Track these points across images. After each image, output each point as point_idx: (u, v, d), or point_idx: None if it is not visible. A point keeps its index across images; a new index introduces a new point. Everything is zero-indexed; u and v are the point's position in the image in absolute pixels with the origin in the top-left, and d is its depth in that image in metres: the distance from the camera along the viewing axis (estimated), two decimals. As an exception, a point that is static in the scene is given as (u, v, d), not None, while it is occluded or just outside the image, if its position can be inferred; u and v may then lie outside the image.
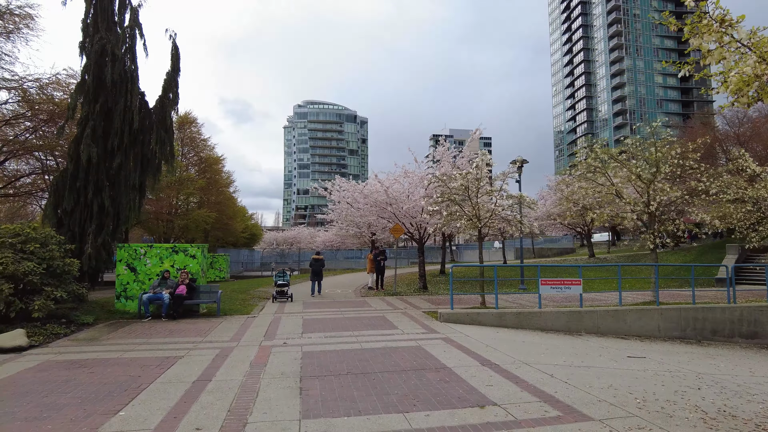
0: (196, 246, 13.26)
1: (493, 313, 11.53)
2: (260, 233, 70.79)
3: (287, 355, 7.73)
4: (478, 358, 7.51)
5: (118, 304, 12.79)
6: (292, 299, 15.44)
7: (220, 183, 43.86)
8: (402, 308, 13.59)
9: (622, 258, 29.84)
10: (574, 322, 11.95)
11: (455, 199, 12.74)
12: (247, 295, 17.29)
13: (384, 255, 18.65)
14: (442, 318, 11.31)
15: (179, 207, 38.31)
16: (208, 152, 42.97)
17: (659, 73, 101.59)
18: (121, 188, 13.82)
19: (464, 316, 11.39)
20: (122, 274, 12.83)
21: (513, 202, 12.73)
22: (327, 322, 11.28)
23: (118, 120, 13.61)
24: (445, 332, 9.83)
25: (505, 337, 9.81)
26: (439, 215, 12.53)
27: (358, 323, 10.97)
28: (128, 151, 13.92)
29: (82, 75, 13.68)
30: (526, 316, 11.70)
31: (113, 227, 13.80)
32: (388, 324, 10.84)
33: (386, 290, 18.49)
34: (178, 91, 15.00)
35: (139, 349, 8.40)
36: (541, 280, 12.02)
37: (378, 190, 16.98)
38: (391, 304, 14.66)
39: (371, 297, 16.79)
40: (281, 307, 14.22)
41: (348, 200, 18.92)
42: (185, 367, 7.02)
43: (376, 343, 8.66)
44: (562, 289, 12.16)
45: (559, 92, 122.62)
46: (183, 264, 13.06)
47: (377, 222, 18.06)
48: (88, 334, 9.82)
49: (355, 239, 48.25)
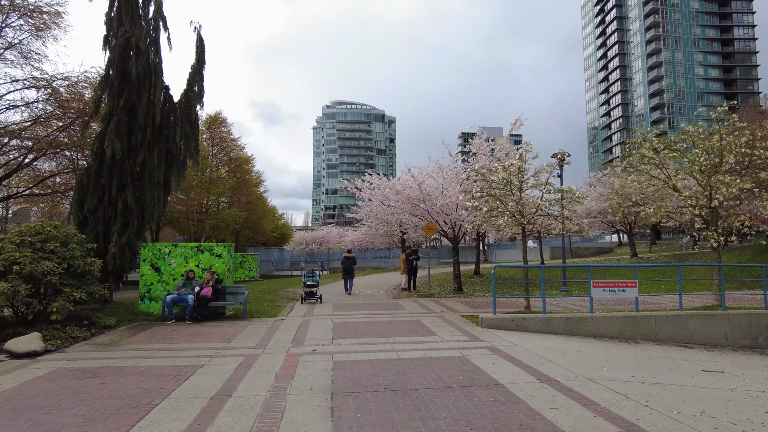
0: (222, 245, 12.69)
1: (541, 319, 10.51)
2: (290, 233, 70.94)
3: (316, 366, 6.95)
4: (534, 372, 6.56)
5: (142, 306, 12.32)
6: (321, 300, 14.74)
7: (250, 183, 43.82)
8: (438, 312, 12.69)
9: (668, 258, 28.07)
10: (630, 327, 10.82)
11: (496, 193, 11.76)
12: (275, 296, 16.70)
13: (417, 254, 17.76)
14: (483, 323, 10.36)
15: (210, 207, 38.37)
16: (238, 152, 42.97)
17: (700, 64, 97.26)
18: (146, 185, 13.38)
19: (508, 321, 10.41)
20: (146, 274, 12.36)
21: (559, 197, 11.63)
22: (359, 326, 10.49)
23: (141, 115, 13.16)
24: (490, 340, 8.89)
25: (557, 346, 8.80)
26: (478, 212, 11.56)
27: (392, 328, 10.13)
28: (152, 147, 13.47)
29: (106, 69, 13.30)
30: (577, 321, 10.64)
31: (138, 226, 13.37)
32: (424, 329, 9.96)
33: (419, 291, 17.60)
34: (203, 84, 14.50)
35: (157, 356, 7.77)
36: (593, 282, 10.93)
37: (411, 186, 16.09)
38: (425, 306, 13.77)
39: (404, 299, 15.94)
40: (310, 308, 13.53)
41: (379, 197, 18.12)
42: (204, 378, 6.32)
43: (414, 353, 7.79)
44: (615, 292, 11.03)
45: (592, 87, 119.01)
46: (208, 264, 12.50)
47: (409, 220, 17.19)
48: (107, 338, 9.30)
49: (384, 238, 47.51)
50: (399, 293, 17.56)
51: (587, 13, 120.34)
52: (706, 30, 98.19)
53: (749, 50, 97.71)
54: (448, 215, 16.51)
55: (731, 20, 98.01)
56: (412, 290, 17.81)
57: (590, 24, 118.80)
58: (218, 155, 40.79)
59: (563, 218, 11.94)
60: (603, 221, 30.88)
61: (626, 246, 52.14)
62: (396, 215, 18.13)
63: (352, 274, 18.24)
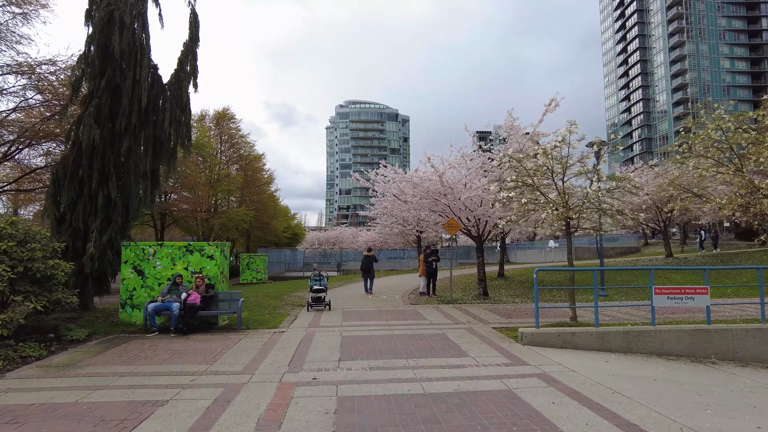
0: (215, 245, 11.02)
1: (593, 333, 8.63)
2: (302, 233, 69.57)
3: (315, 404, 5.20)
4: (615, 418, 4.72)
5: (123, 314, 10.71)
6: (330, 307, 13.00)
7: (260, 181, 42.40)
8: (464, 322, 10.87)
9: (710, 258, 25.77)
10: (701, 344, 8.88)
11: (534, 182, 9.90)
12: (279, 302, 15.01)
13: (437, 255, 15.94)
14: (524, 339, 8.52)
15: (218, 205, 36.98)
16: (248, 150, 41.58)
17: (726, 57, 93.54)
18: (131, 177, 11.78)
19: (554, 337, 8.55)
20: (128, 278, 10.75)
21: (610, 186, 9.73)
22: (372, 341, 8.71)
23: (126, 97, 11.58)
24: (537, 363, 7.06)
25: (623, 371, 6.94)
26: (515, 204, 9.71)
27: (412, 345, 8.34)
28: (138, 134, 11.87)
29: (86, 45, 11.72)
30: (637, 336, 8.74)
31: (122, 222, 11.79)
32: (453, 347, 8.15)
33: (440, 296, 15.78)
34: (196, 64, 12.86)
35: (115, 384, 6.09)
36: (655, 288, 9.01)
37: (430, 178, 14.27)
38: (449, 315, 11.96)
39: (423, 305, 14.13)
40: (317, 317, 11.80)
41: (394, 192, 16.32)
42: (159, 426, 4.61)
43: (443, 384, 6.00)
44: (682, 300, 9.08)
45: (611, 83, 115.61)
46: (198, 266, 10.85)
47: (428, 216, 15.37)
48: (66, 358, 7.66)
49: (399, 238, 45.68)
50: (417, 298, 15.75)
51: (605, 7, 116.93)
52: (732, 21, 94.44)
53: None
54: (472, 211, 14.65)
55: (759, 10, 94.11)
56: (432, 295, 16.00)
57: (609, 18, 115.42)
58: (227, 152, 39.41)
59: (614, 212, 10.03)
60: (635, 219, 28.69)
61: (653, 246, 49.52)
62: (413, 211, 16.30)
63: (372, 273, 17.69)
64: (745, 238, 44.19)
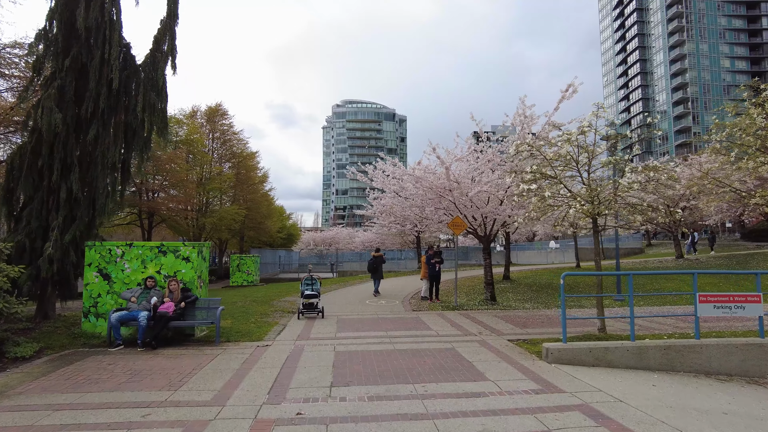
0: (191, 245, 9.68)
1: (630, 349, 7.37)
2: (298, 233, 68.18)
3: (297, 457, 3.90)
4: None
5: (86, 325, 9.36)
6: (323, 315, 11.69)
7: (254, 180, 40.98)
8: (475, 332, 9.58)
9: (723, 259, 24.58)
10: (754, 360, 7.64)
11: (556, 174, 8.63)
12: (268, 308, 13.69)
13: (440, 257, 14.66)
14: (550, 357, 7.24)
15: (210, 204, 35.60)
16: (241, 147, 40.20)
17: (726, 56, 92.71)
18: (98, 168, 10.42)
19: (585, 353, 7.28)
20: (92, 282, 9.40)
21: (644, 178, 8.45)
22: (370, 359, 7.41)
23: (93, 78, 10.24)
24: (573, 389, 5.78)
25: (678, 399, 5.67)
26: (536, 197, 8.42)
27: (419, 364, 7.04)
28: (107, 119, 10.53)
29: (47, 20, 10.37)
30: (679, 351, 7.49)
31: (88, 220, 10.45)
32: (466, 367, 6.85)
33: (444, 302, 14.49)
34: (175, 43, 11.51)
35: (42, 424, 4.77)
36: (700, 296, 7.74)
37: (434, 171, 12.97)
38: (456, 324, 10.67)
39: (426, 312, 12.84)
40: (308, 326, 10.48)
41: (393, 188, 15.01)
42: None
43: (463, 420, 4.71)
44: (731, 309, 7.82)
45: (610, 83, 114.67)
46: (173, 270, 9.51)
47: (432, 214, 14.07)
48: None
49: (397, 238, 44.50)
50: (419, 304, 14.45)
51: (604, 6, 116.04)
52: (732, 20, 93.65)
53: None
54: (479, 208, 13.37)
55: (759, 9, 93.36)
56: (435, 300, 14.71)
57: (608, 17, 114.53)
58: (219, 149, 38.03)
59: (645, 207, 8.76)
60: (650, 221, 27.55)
61: (656, 247, 48.41)
62: (415, 209, 14.99)
63: (380, 274, 17.04)
64: (753, 239, 43.12)
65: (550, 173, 8.74)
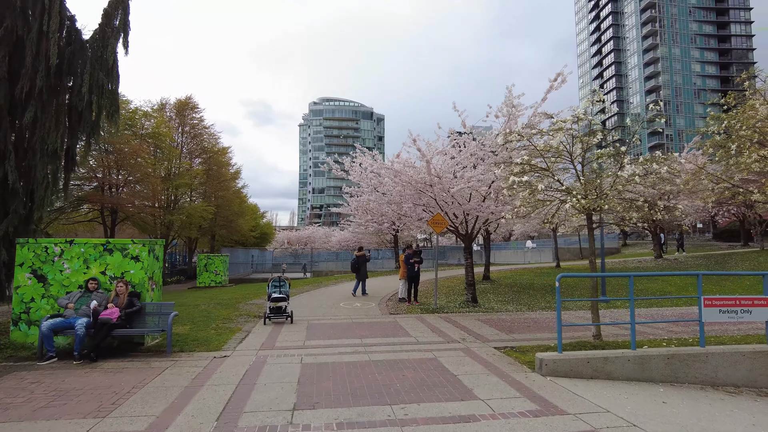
0: (141, 242, 8.58)
1: (631, 358, 6.63)
2: (272, 232, 66.65)
3: None
4: None
5: (15, 334, 8.16)
6: (292, 320, 10.70)
7: (225, 176, 39.52)
8: (458, 339, 8.76)
9: (701, 259, 24.47)
10: (762, 369, 7.01)
11: (549, 166, 7.87)
12: (233, 311, 12.62)
13: (420, 257, 13.82)
14: (545, 368, 6.44)
15: (177, 200, 34.04)
16: (213, 142, 38.73)
17: (697, 60, 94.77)
18: (37, 155, 9.25)
19: (582, 364, 6.50)
20: (23, 285, 8.21)
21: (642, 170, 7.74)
22: (342, 373, 6.48)
23: (30, 54, 9.06)
24: (576, 409, 4.97)
25: (694, 419, 4.94)
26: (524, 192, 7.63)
27: (397, 379, 6.15)
28: (47, 101, 9.35)
29: (-23, -14, 9.16)
30: (684, 361, 6.79)
31: (26, 213, 9.25)
32: (451, 382, 6.00)
33: (423, 304, 13.66)
34: (128, 18, 10.39)
35: None
36: (705, 299, 7.07)
37: (414, 164, 12.10)
38: (437, 329, 9.83)
39: (404, 315, 11.98)
40: (274, 333, 9.48)
41: (372, 183, 14.08)
42: None
43: (452, 458, 3.84)
44: (737, 314, 7.17)
45: (585, 85, 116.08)
46: (120, 270, 8.40)
47: (412, 211, 13.21)
48: None
49: (374, 237, 43.54)
50: (396, 306, 13.58)
51: (581, 8, 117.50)
52: (702, 26, 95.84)
53: (746, 47, 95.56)
54: (461, 205, 12.58)
55: (728, 16, 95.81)
56: (413, 302, 13.87)
57: (584, 20, 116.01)
58: (188, 144, 36.49)
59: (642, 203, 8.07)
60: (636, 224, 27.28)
61: (632, 247, 48.71)
62: (393, 205, 14.10)
63: (363, 274, 16.46)
64: (724, 239, 43.70)
65: (542, 165, 7.97)
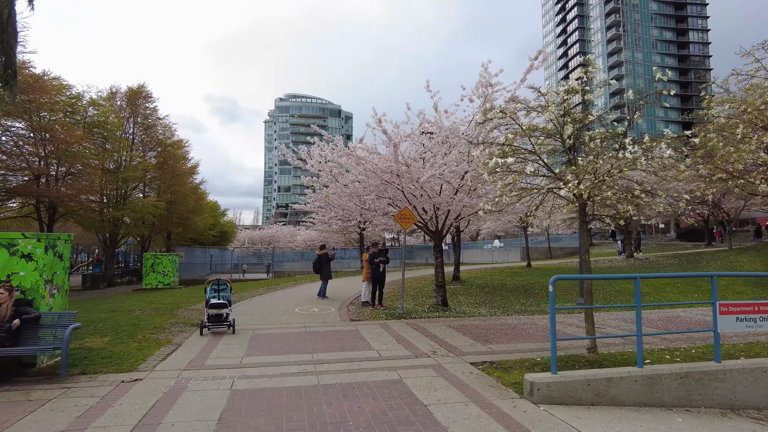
0: (36, 236, 6.86)
1: (638, 378, 5.44)
2: (233, 231, 64.01)
3: None
4: None
5: None
6: (233, 329, 9.12)
7: (180, 170, 37.06)
8: (428, 352, 7.41)
9: (672, 258, 24.08)
10: (784, 387, 5.95)
11: (536, 149, 6.63)
12: (169, 318, 10.91)
13: (385, 256, 12.45)
14: (536, 395, 5.15)
15: (127, 195, 31.53)
16: (168, 134, 36.26)
17: (658, 66, 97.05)
18: None
19: (581, 387, 5.26)
20: None
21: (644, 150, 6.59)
22: (279, 404, 5.02)
23: None
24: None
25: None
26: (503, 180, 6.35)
27: (351, 414, 4.73)
28: None
29: None
30: (699, 380, 5.67)
31: None
32: (421, 416, 4.63)
33: (388, 308, 12.30)
34: (34, -32, 8.59)
35: None
36: (720, 305, 5.96)
37: (378, 151, 10.72)
38: (403, 339, 8.47)
39: (367, 322, 10.57)
40: (208, 347, 7.90)
41: (333, 172, 12.59)
42: None
43: None
44: (756, 322, 6.09)
45: (552, 86, 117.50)
46: (5, 272, 6.67)
47: (376, 203, 11.82)
48: None
49: (340, 236, 41.97)
50: (359, 311, 12.17)
51: (548, 11, 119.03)
52: (663, 32, 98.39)
53: (704, 54, 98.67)
54: (432, 198, 11.29)
55: (687, 23, 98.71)
56: (378, 306, 12.49)
57: (551, 23, 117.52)
58: (140, 135, 33.96)
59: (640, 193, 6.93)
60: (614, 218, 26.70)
61: (598, 246, 48.75)
62: (355, 198, 12.66)
63: (326, 275, 15.21)
64: (688, 239, 44.17)
65: (528, 147, 6.71)
